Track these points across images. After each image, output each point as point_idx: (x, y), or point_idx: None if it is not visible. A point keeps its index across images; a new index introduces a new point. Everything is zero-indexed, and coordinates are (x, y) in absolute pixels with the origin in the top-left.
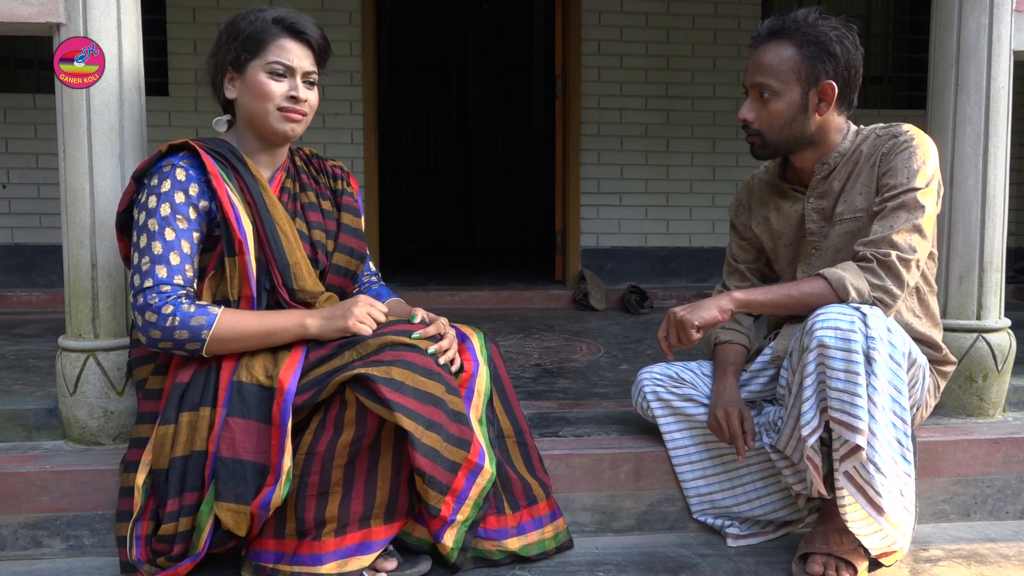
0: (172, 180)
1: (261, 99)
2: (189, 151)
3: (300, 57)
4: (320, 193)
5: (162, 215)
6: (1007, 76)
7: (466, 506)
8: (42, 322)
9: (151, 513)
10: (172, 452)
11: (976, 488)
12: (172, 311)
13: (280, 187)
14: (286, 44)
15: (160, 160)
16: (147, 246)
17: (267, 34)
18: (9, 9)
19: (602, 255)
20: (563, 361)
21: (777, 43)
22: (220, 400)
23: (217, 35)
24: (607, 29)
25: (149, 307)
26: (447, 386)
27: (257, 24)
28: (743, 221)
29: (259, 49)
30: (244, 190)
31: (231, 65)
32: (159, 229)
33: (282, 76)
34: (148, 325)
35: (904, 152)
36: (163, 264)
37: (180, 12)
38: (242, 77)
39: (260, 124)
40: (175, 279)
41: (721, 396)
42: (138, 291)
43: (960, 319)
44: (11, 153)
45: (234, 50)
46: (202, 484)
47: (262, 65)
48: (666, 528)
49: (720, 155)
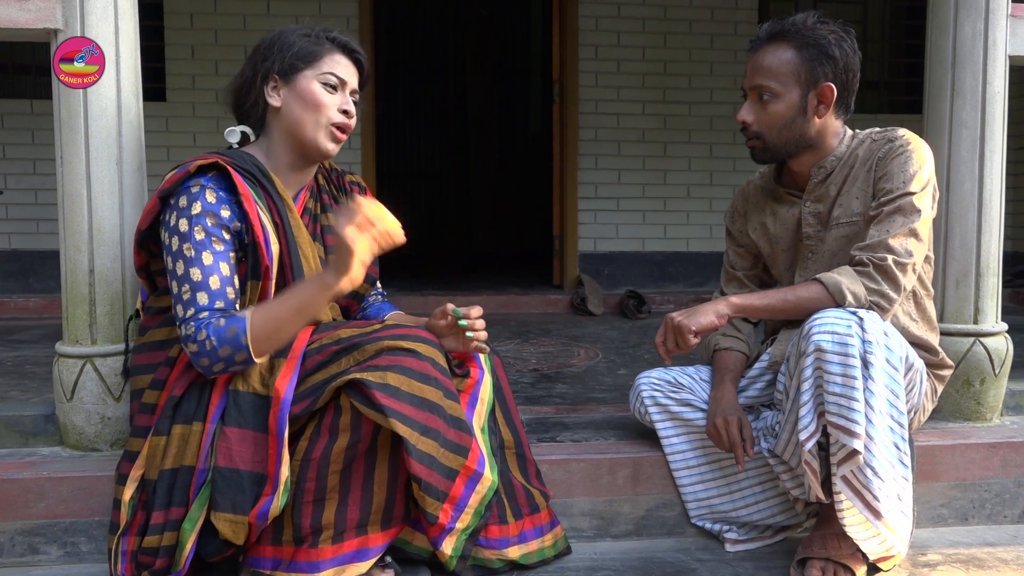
0: (203, 202)
1: (314, 109)
2: (218, 170)
3: (351, 74)
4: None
5: (197, 239)
6: (1003, 81)
7: (466, 514)
8: (39, 328)
9: (138, 528)
10: (163, 464)
11: (974, 492)
12: (206, 335)
13: (303, 208)
14: (340, 59)
15: (188, 179)
16: (185, 273)
17: (322, 47)
18: (7, 15)
19: (600, 260)
20: (561, 366)
21: (776, 46)
22: (210, 415)
23: (258, 46)
24: (604, 34)
25: (189, 338)
26: (445, 391)
27: (312, 37)
28: (739, 227)
29: (314, 60)
30: (273, 210)
31: (278, 74)
32: (196, 254)
33: (334, 89)
34: (196, 356)
35: (900, 156)
36: (203, 290)
37: (178, 18)
38: (290, 86)
39: (305, 136)
40: (216, 304)
41: (720, 403)
42: (182, 322)
43: (957, 323)
44: (8, 159)
45: (286, 59)
46: (187, 500)
47: (316, 75)
48: (664, 533)
49: (717, 160)
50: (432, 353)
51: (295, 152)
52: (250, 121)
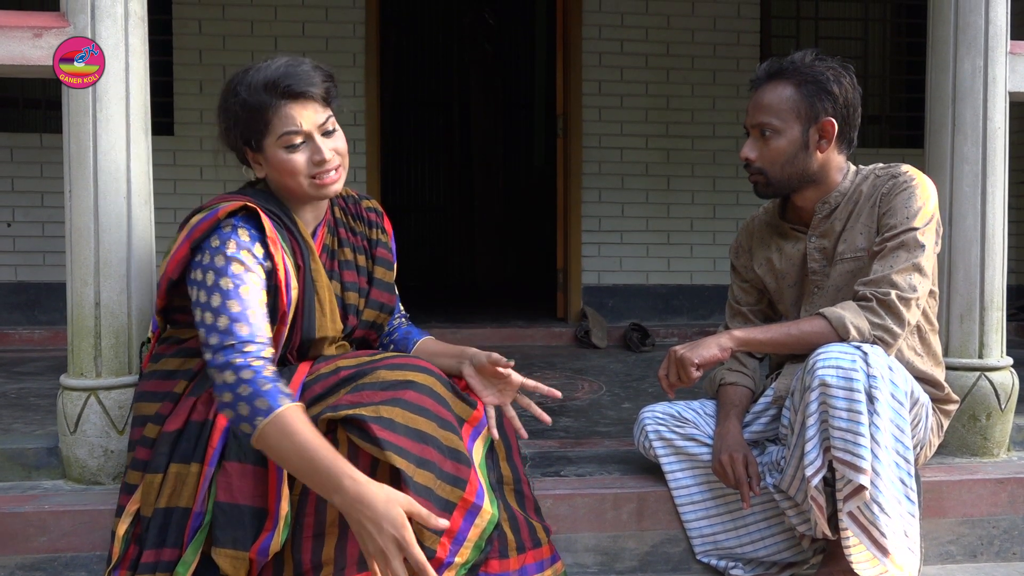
0: (237, 241)
1: (290, 175)
2: (246, 210)
3: (309, 117)
4: (356, 247)
5: (234, 272)
6: (1003, 116)
7: (465, 548)
8: (44, 360)
9: (129, 563)
10: (157, 502)
11: (982, 529)
12: (251, 377)
13: (321, 245)
14: (288, 111)
15: (218, 224)
16: (221, 305)
17: (267, 106)
18: (20, 52)
19: (603, 293)
20: (565, 399)
21: (776, 83)
22: (208, 457)
23: (219, 107)
24: (608, 69)
25: (230, 365)
26: (440, 421)
27: (252, 99)
28: (743, 263)
29: (265, 126)
30: (297, 253)
31: (248, 147)
32: (234, 288)
33: (299, 144)
34: (224, 387)
35: (904, 192)
36: (243, 322)
37: (186, 54)
38: (264, 155)
39: (297, 194)
40: (258, 337)
41: (725, 439)
42: (217, 349)
43: (962, 357)
44: (17, 192)
45: (241, 135)
46: (181, 542)
47: (274, 142)
48: (669, 569)
49: (720, 193)
50: (430, 382)
51: (298, 198)
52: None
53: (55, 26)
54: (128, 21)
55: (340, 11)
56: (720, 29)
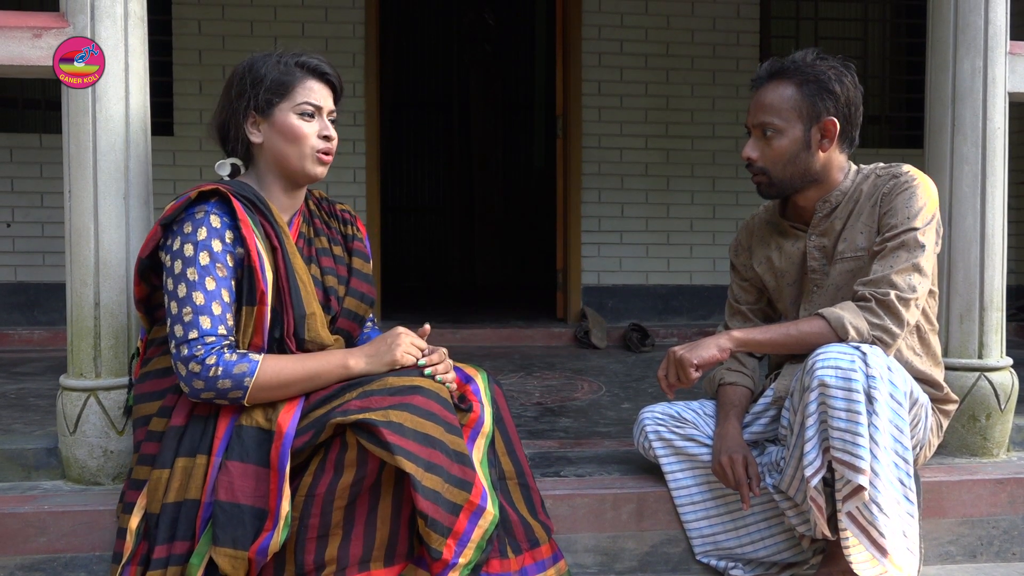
0: (208, 227)
1: (295, 141)
2: (219, 197)
3: (325, 97)
4: (332, 238)
5: (201, 264)
6: (1002, 117)
7: (468, 549)
8: (43, 360)
9: (140, 558)
10: (165, 498)
11: (982, 529)
12: (215, 361)
13: (297, 232)
14: (312, 85)
15: (191, 206)
16: (187, 296)
17: (293, 77)
18: (19, 53)
19: (603, 293)
20: (564, 400)
21: (777, 83)
22: (215, 448)
23: (231, 80)
24: (607, 70)
25: (194, 358)
26: (447, 426)
27: (282, 67)
28: (743, 261)
29: (287, 91)
30: (270, 236)
31: (255, 110)
32: (199, 279)
33: (311, 117)
34: (191, 376)
35: (905, 192)
36: (206, 315)
37: (186, 54)
38: (269, 121)
39: (291, 166)
40: (219, 329)
41: (725, 440)
42: (181, 342)
43: (962, 358)
44: (16, 192)
45: (260, 95)
46: (193, 534)
47: (292, 107)
48: (669, 570)
49: (720, 194)
50: (437, 387)
51: (284, 179)
52: (237, 154)
53: (55, 26)
54: (128, 21)
55: (340, 11)
56: (720, 29)
